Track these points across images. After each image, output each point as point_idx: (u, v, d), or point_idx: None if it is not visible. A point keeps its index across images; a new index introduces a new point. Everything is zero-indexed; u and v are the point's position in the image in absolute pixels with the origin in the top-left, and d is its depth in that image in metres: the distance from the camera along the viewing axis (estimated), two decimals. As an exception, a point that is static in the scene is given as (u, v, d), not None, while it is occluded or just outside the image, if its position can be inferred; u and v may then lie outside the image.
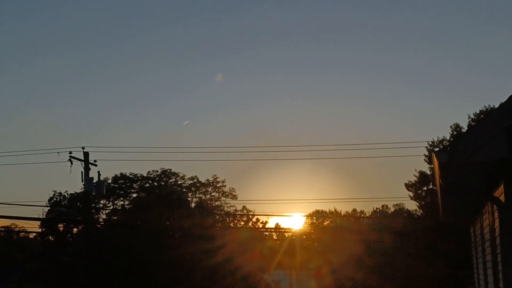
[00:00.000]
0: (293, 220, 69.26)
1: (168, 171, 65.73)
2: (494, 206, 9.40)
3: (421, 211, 54.00)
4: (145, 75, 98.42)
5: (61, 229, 50.59)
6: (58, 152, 35.69)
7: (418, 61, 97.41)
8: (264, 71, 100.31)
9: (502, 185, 8.47)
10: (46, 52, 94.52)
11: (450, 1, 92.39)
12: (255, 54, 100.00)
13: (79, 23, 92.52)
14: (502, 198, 8.62)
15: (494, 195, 9.35)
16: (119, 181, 63.54)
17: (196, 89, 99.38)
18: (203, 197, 65.05)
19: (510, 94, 7.83)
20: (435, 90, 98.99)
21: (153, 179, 65.09)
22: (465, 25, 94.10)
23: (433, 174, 45.83)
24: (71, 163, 34.67)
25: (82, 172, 34.84)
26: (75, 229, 47.40)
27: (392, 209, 73.30)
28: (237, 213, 61.29)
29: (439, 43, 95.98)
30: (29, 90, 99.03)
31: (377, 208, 74.38)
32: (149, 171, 65.13)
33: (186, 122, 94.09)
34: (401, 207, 71.72)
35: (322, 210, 76.35)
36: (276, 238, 61.10)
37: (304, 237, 65.75)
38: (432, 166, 46.47)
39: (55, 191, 56.23)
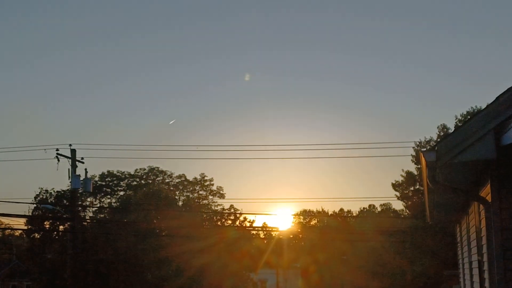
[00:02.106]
0: (281, 219, 69.29)
1: (156, 169, 65.61)
2: (481, 206, 9.45)
3: (407, 211, 54.25)
4: (133, 73, 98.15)
5: (47, 226, 50.26)
6: (45, 149, 35.36)
7: (405, 63, 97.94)
8: (254, 70, 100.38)
9: (489, 185, 8.52)
10: (35, 50, 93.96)
11: (441, 5, 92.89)
12: (244, 54, 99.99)
13: (70, 22, 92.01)
14: (488, 198, 8.68)
15: (481, 195, 9.40)
16: (106, 179, 63.38)
17: (184, 88, 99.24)
18: (191, 196, 64.95)
19: (498, 95, 7.88)
20: (422, 90, 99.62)
21: (141, 177, 64.95)
22: (453, 27, 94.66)
23: (420, 174, 46.06)
24: (58, 160, 34.37)
25: (69, 169, 34.56)
26: (61, 227, 47.10)
27: (379, 209, 73.52)
28: (224, 211, 61.22)
29: (428, 44, 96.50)
30: (16, 87, 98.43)
31: (364, 208, 74.53)
32: (136, 169, 64.99)
33: (172, 121, 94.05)
34: (388, 207, 71.97)
35: (309, 209, 76.39)
36: (263, 237, 61.15)
37: (291, 236, 65.83)
38: (419, 166, 46.71)
39: (42, 188, 55.95)
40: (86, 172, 35.66)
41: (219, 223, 58.23)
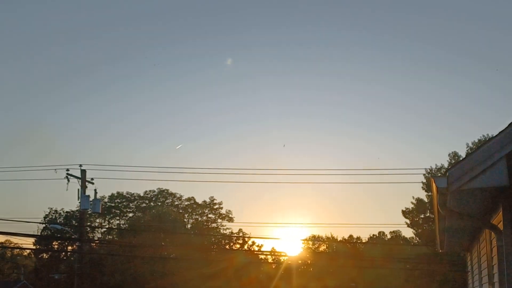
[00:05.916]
0: (289, 244, 68.90)
1: (165, 191, 65.61)
2: (492, 233, 9.33)
3: (417, 238, 53.80)
4: (144, 94, 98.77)
5: (55, 246, 50.25)
6: (55, 169, 35.40)
7: (416, 90, 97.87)
8: (262, 95, 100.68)
9: (501, 213, 8.41)
10: (45, 68, 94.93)
11: (447, 32, 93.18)
12: (254, 80, 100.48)
13: (79, 42, 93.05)
14: (500, 225, 8.55)
15: (492, 222, 9.27)
16: (116, 200, 63.40)
17: (195, 110, 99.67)
18: (200, 219, 64.81)
19: (510, 122, 7.79)
20: (434, 118, 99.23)
21: (150, 199, 64.94)
22: (463, 55, 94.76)
23: (430, 201, 45.73)
24: (68, 181, 34.37)
25: (78, 190, 34.56)
26: (69, 247, 47.05)
27: (389, 236, 72.95)
28: (233, 235, 60.95)
29: (438, 72, 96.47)
30: (26, 106, 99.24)
31: (373, 235, 73.94)
32: (146, 191, 65.03)
33: (178, 146, 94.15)
34: (398, 234, 71.41)
35: (318, 235, 75.82)
36: (272, 262, 60.70)
37: (300, 261, 65.40)
38: (430, 193, 46.38)
39: (51, 208, 56.14)
40: (96, 193, 35.66)
41: (227, 247, 57.94)
